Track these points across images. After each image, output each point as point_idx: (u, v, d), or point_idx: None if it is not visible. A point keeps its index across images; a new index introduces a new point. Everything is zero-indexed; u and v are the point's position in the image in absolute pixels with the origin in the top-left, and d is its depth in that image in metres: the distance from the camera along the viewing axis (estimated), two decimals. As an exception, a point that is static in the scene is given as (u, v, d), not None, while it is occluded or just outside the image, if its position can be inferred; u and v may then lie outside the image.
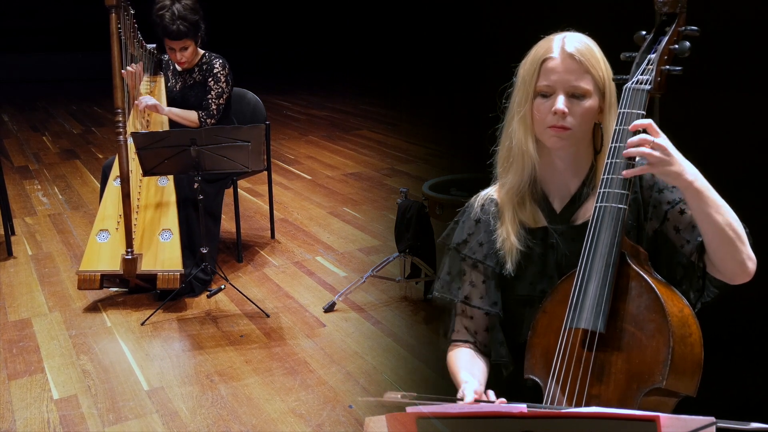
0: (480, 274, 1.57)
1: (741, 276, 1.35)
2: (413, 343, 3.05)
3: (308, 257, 4.00)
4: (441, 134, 6.96)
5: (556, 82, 1.41)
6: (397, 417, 1.11)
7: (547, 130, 1.43)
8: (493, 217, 1.57)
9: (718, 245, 1.32)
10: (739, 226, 1.32)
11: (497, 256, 1.54)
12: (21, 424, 2.53)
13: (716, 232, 1.30)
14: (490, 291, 1.56)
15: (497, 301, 1.56)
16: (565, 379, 1.34)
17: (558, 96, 1.41)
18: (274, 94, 9.61)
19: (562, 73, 1.41)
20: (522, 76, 1.46)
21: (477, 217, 1.59)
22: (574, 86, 1.41)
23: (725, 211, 1.31)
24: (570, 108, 1.41)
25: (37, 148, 6.83)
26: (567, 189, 1.52)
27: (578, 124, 1.42)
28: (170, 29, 3.47)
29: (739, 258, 1.32)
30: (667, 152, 1.30)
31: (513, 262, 1.51)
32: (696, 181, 1.30)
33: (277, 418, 2.55)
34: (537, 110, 1.44)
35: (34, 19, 11.45)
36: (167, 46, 3.59)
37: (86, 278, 3.33)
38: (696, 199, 1.30)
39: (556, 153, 1.48)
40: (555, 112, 1.41)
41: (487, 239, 1.56)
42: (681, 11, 1.43)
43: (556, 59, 1.41)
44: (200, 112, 3.68)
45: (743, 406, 1.94)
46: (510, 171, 1.51)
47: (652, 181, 1.46)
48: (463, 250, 1.59)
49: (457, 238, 1.61)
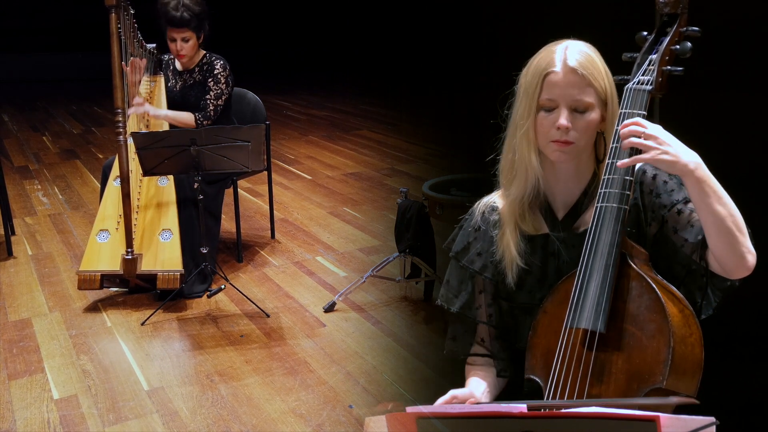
0: (478, 284, 1.60)
1: (740, 269, 1.34)
2: (413, 343, 3.05)
3: (308, 257, 4.00)
4: (441, 134, 6.96)
5: (559, 97, 1.41)
6: (397, 417, 1.11)
7: (550, 144, 1.43)
8: (493, 226, 1.57)
9: (718, 236, 1.31)
10: (740, 218, 1.32)
11: (495, 266, 1.55)
12: (21, 424, 2.53)
13: (717, 223, 1.30)
14: (487, 302, 1.59)
15: (492, 314, 1.59)
16: (566, 379, 1.34)
17: (561, 110, 1.41)
18: (274, 94, 9.60)
19: (564, 87, 1.40)
20: (524, 88, 1.46)
21: (477, 225, 1.60)
22: (577, 100, 1.40)
23: (726, 202, 1.30)
24: (573, 122, 1.41)
25: (37, 148, 6.83)
26: (569, 197, 1.52)
27: (581, 138, 1.42)
28: (173, 15, 3.49)
29: (739, 250, 1.32)
30: (658, 140, 1.29)
31: (514, 275, 1.51)
32: (697, 170, 1.29)
33: (277, 418, 2.55)
34: (540, 124, 1.43)
35: (34, 19, 11.45)
36: (168, 37, 3.59)
37: (86, 278, 3.33)
38: (697, 188, 1.29)
39: (558, 165, 1.49)
40: (558, 128, 1.40)
41: (486, 249, 1.57)
42: (682, 12, 1.43)
43: (559, 73, 1.40)
44: (197, 114, 3.67)
45: (743, 406, 1.94)
46: (513, 184, 1.51)
47: (651, 186, 1.46)
48: (462, 260, 1.60)
49: (457, 246, 1.62)
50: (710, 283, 1.40)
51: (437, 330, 3.15)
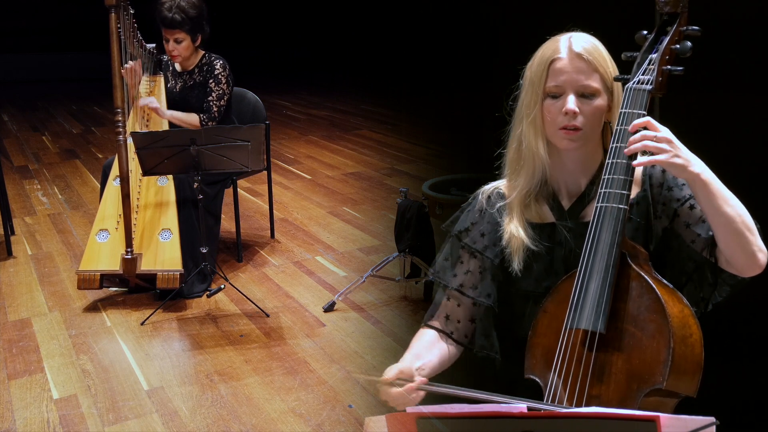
0: (478, 264, 1.57)
1: (752, 268, 1.34)
2: (413, 343, 3.05)
3: (308, 257, 4.00)
4: (441, 134, 6.96)
5: (565, 83, 1.41)
6: (397, 417, 1.10)
7: (558, 132, 1.43)
8: (499, 211, 1.56)
9: (727, 237, 1.31)
10: (749, 218, 1.32)
11: (499, 250, 1.54)
12: (21, 424, 2.53)
13: (725, 224, 1.30)
14: (485, 282, 1.56)
15: (491, 293, 1.56)
16: (566, 379, 1.34)
17: (568, 96, 1.41)
18: (274, 94, 9.60)
19: (571, 72, 1.41)
20: (530, 78, 1.46)
21: (482, 207, 1.59)
22: (584, 85, 1.41)
23: (734, 203, 1.30)
24: (580, 108, 1.41)
25: (37, 148, 6.83)
26: (576, 187, 1.52)
27: (589, 124, 1.42)
28: (165, 16, 3.51)
29: (750, 249, 1.32)
30: (672, 144, 1.30)
31: (520, 261, 1.50)
32: (703, 173, 1.29)
33: (277, 417, 2.55)
34: (548, 111, 1.43)
35: (34, 19, 11.45)
36: (163, 37, 3.60)
37: (86, 278, 3.33)
38: (704, 191, 1.30)
39: (566, 153, 1.48)
40: (566, 113, 1.40)
41: (490, 231, 1.56)
42: (683, 11, 1.43)
43: (564, 59, 1.41)
44: (201, 115, 3.68)
45: (743, 406, 1.94)
46: (521, 173, 1.51)
47: (662, 179, 1.46)
48: (464, 239, 1.59)
49: (459, 225, 1.61)
50: (720, 278, 1.39)
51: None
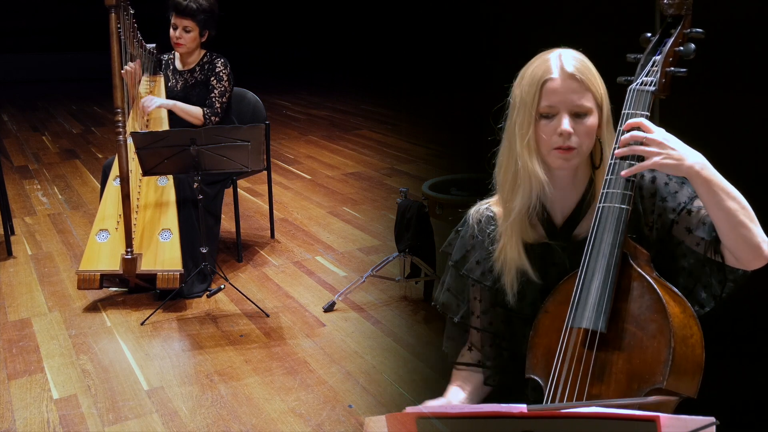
0: (477, 292, 1.60)
1: (757, 260, 1.34)
2: (413, 343, 3.05)
3: (308, 257, 4.00)
4: (441, 134, 6.96)
5: (559, 103, 1.40)
6: (397, 417, 1.10)
7: (552, 152, 1.42)
8: (490, 237, 1.56)
9: (731, 230, 1.31)
10: (751, 210, 1.31)
11: (496, 275, 1.55)
12: (21, 424, 2.53)
13: (729, 218, 1.30)
14: (485, 310, 1.59)
15: (492, 321, 1.59)
16: (566, 378, 1.34)
17: (562, 117, 1.40)
18: (274, 94, 9.60)
19: (564, 93, 1.39)
20: (521, 98, 1.43)
21: (473, 233, 1.59)
22: (577, 105, 1.39)
23: (736, 196, 1.30)
24: (574, 128, 1.40)
25: (37, 148, 6.82)
26: (567, 205, 1.51)
27: (583, 143, 1.41)
28: (180, 2, 3.53)
29: (755, 241, 1.31)
30: (662, 146, 1.29)
31: (514, 292, 1.52)
32: (704, 170, 1.29)
33: (277, 417, 2.55)
34: (542, 132, 1.42)
35: (34, 19, 11.45)
36: (171, 24, 3.61)
37: (86, 278, 3.33)
38: (705, 188, 1.29)
39: (557, 171, 1.47)
40: (561, 134, 1.39)
41: (485, 257, 1.57)
42: (686, 13, 1.43)
43: (557, 79, 1.39)
44: (205, 110, 3.68)
45: (743, 406, 1.94)
46: (517, 195, 1.47)
47: (653, 189, 1.45)
48: (462, 269, 1.61)
49: (456, 254, 1.62)
50: (726, 275, 1.39)
51: (437, 330, 3.14)
